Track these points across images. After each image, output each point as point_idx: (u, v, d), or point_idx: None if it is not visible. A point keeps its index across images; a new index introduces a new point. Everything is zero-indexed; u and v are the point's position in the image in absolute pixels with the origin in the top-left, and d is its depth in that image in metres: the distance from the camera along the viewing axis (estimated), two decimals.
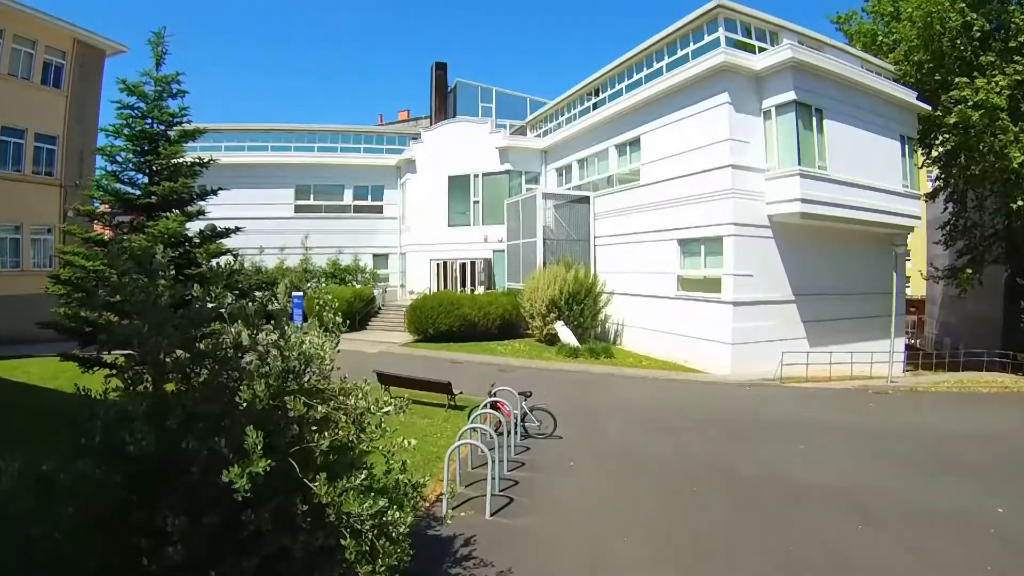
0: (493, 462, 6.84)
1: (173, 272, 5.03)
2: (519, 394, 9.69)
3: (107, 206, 11.02)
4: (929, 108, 20.38)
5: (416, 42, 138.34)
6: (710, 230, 16.65)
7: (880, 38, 24.49)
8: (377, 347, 19.89)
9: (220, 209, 28.25)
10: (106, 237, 10.09)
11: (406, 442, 3.87)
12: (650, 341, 18.88)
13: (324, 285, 26.73)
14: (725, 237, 16.16)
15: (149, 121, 10.44)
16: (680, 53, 18.17)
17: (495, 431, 9.51)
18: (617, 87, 21.52)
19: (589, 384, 14.58)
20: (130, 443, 3.14)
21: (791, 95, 15.94)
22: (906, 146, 20.09)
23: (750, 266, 16.26)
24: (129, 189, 10.37)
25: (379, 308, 25.20)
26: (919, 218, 20.60)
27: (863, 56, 21.06)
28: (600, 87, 22.94)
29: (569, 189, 24.25)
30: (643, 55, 19.91)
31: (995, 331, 22.62)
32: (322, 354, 3.85)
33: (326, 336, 4.04)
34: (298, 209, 29.64)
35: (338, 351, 4.05)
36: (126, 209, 10.88)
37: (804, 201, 15.79)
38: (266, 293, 29.50)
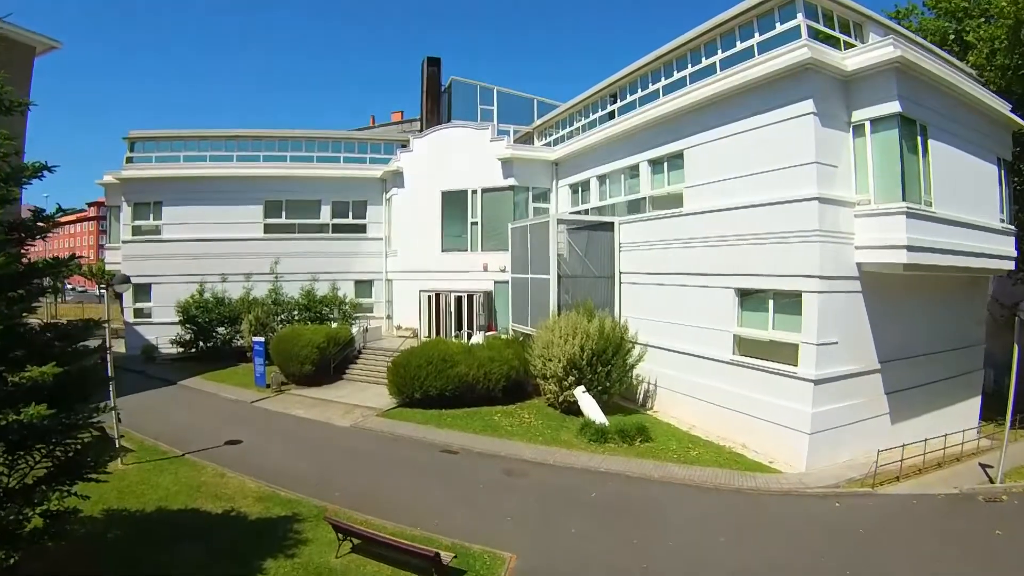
0: None
1: None
2: None
3: None
4: (1022, 122, 16.73)
5: (412, 36, 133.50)
6: (784, 281, 12.70)
7: (952, 37, 20.91)
8: (350, 416, 15.84)
9: (177, 230, 24.77)
10: None
11: None
12: (695, 413, 14.95)
13: (296, 321, 22.65)
14: (806, 293, 12.20)
15: None
16: (740, 46, 14.13)
17: None
18: (651, 87, 17.38)
19: (629, 513, 10.17)
20: None
21: (894, 106, 11.96)
22: (1002, 171, 16.38)
23: (835, 330, 12.35)
24: None
25: (359, 351, 21.09)
26: (1014, 259, 16.83)
27: (951, 59, 17.24)
28: (628, 87, 18.82)
29: (587, 211, 20.29)
30: (687, 48, 15.80)
31: None
32: None
33: None
34: (268, 229, 25.57)
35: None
36: None
37: (911, 249, 11.87)
38: (229, 330, 25.14)
